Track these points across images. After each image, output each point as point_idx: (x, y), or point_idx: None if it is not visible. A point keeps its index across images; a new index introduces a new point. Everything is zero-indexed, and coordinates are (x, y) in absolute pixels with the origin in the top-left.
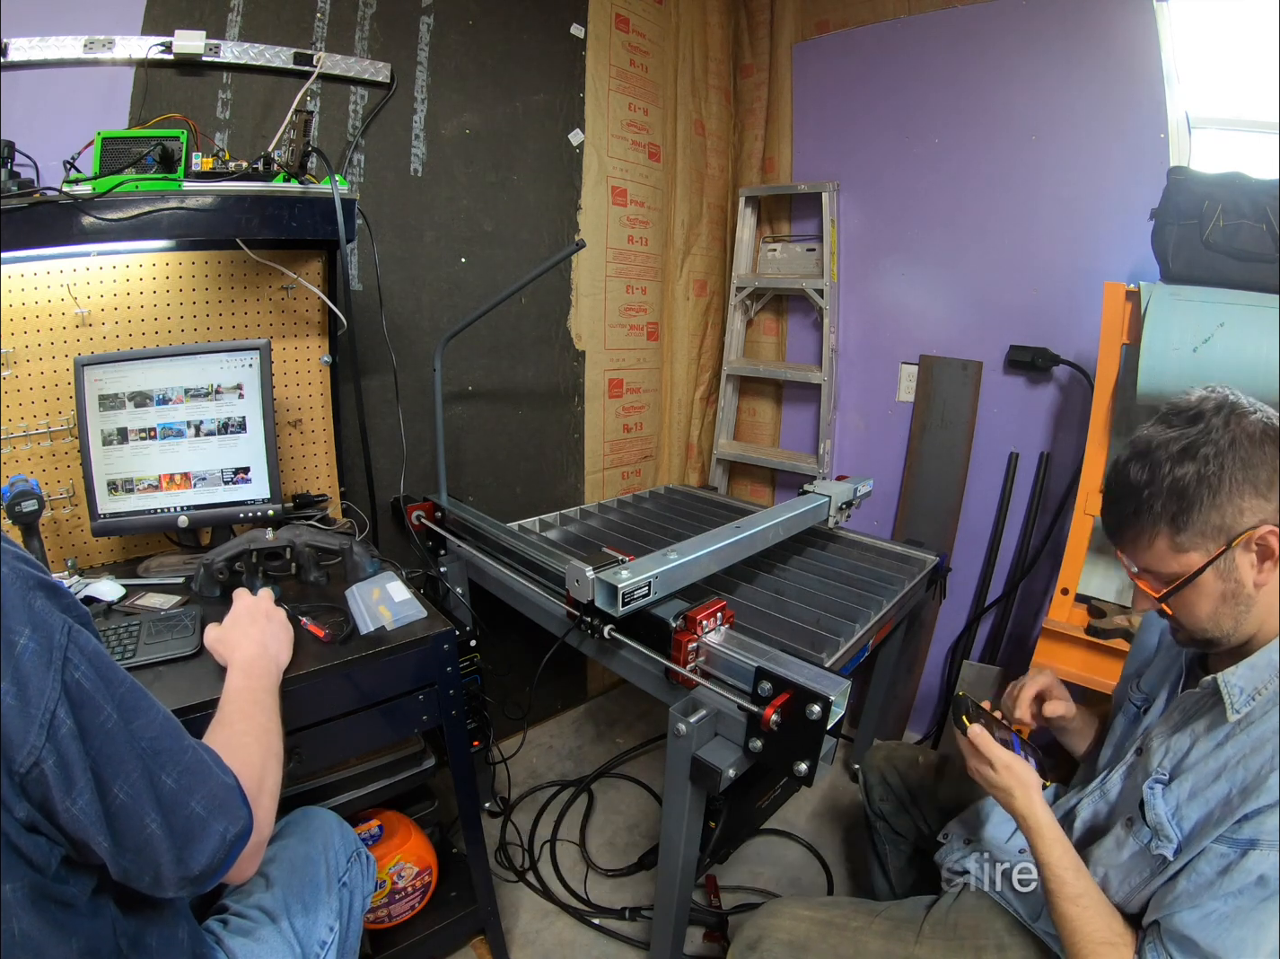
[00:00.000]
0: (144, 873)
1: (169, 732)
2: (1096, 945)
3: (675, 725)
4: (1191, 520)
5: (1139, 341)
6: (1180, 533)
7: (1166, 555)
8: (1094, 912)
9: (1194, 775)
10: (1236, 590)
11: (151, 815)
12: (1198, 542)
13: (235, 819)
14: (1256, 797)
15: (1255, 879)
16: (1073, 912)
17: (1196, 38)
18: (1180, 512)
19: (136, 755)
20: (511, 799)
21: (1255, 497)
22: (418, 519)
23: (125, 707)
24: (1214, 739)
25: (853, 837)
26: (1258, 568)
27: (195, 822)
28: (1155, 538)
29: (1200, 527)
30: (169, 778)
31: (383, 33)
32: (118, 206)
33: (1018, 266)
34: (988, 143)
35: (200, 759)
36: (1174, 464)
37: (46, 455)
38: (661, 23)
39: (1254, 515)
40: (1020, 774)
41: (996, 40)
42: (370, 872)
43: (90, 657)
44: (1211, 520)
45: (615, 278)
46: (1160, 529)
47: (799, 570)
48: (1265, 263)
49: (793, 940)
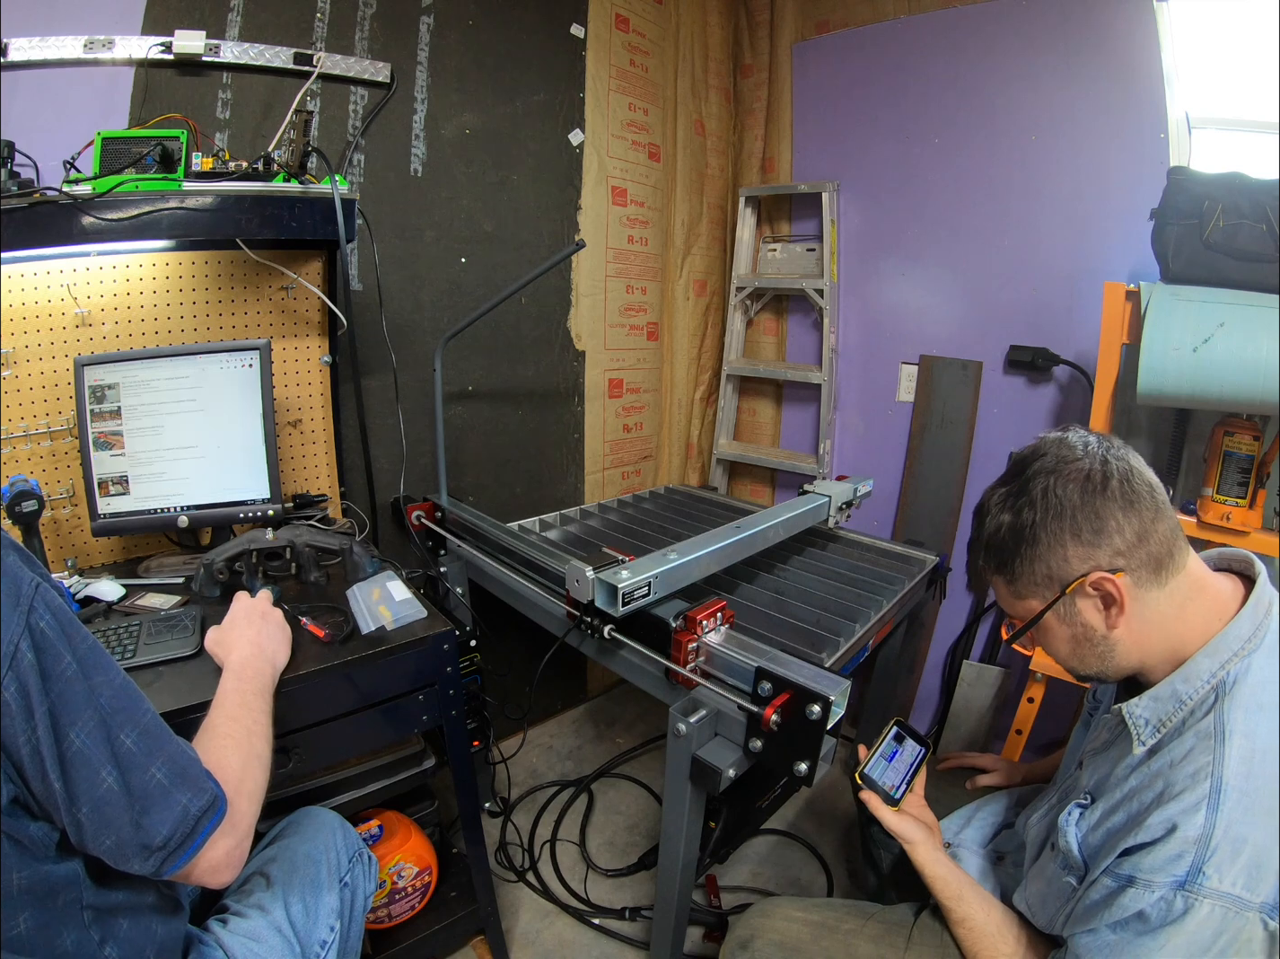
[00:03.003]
0: (102, 834)
1: (128, 693)
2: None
3: (675, 725)
4: (1016, 571)
5: (1139, 341)
6: (1011, 582)
7: (1010, 600)
8: (979, 933)
9: (1105, 801)
10: (1088, 634)
11: (108, 769)
12: (1032, 589)
13: (199, 792)
14: (1135, 834)
15: (1134, 914)
16: (961, 933)
17: (1196, 38)
18: (1003, 563)
19: (94, 708)
20: (511, 799)
21: (1078, 544)
22: (418, 519)
23: (86, 662)
24: (1127, 766)
25: (852, 837)
26: (1104, 613)
27: (155, 787)
28: (994, 585)
29: (1028, 576)
30: (127, 738)
31: (383, 33)
32: (118, 206)
33: (1018, 266)
34: (988, 143)
35: (159, 724)
36: (993, 518)
37: (46, 455)
38: (661, 23)
39: (1082, 563)
40: (905, 833)
41: (996, 40)
42: (372, 872)
43: (55, 610)
44: (1038, 570)
45: (615, 278)
46: (994, 577)
47: (799, 570)
48: (1265, 263)
49: (784, 942)
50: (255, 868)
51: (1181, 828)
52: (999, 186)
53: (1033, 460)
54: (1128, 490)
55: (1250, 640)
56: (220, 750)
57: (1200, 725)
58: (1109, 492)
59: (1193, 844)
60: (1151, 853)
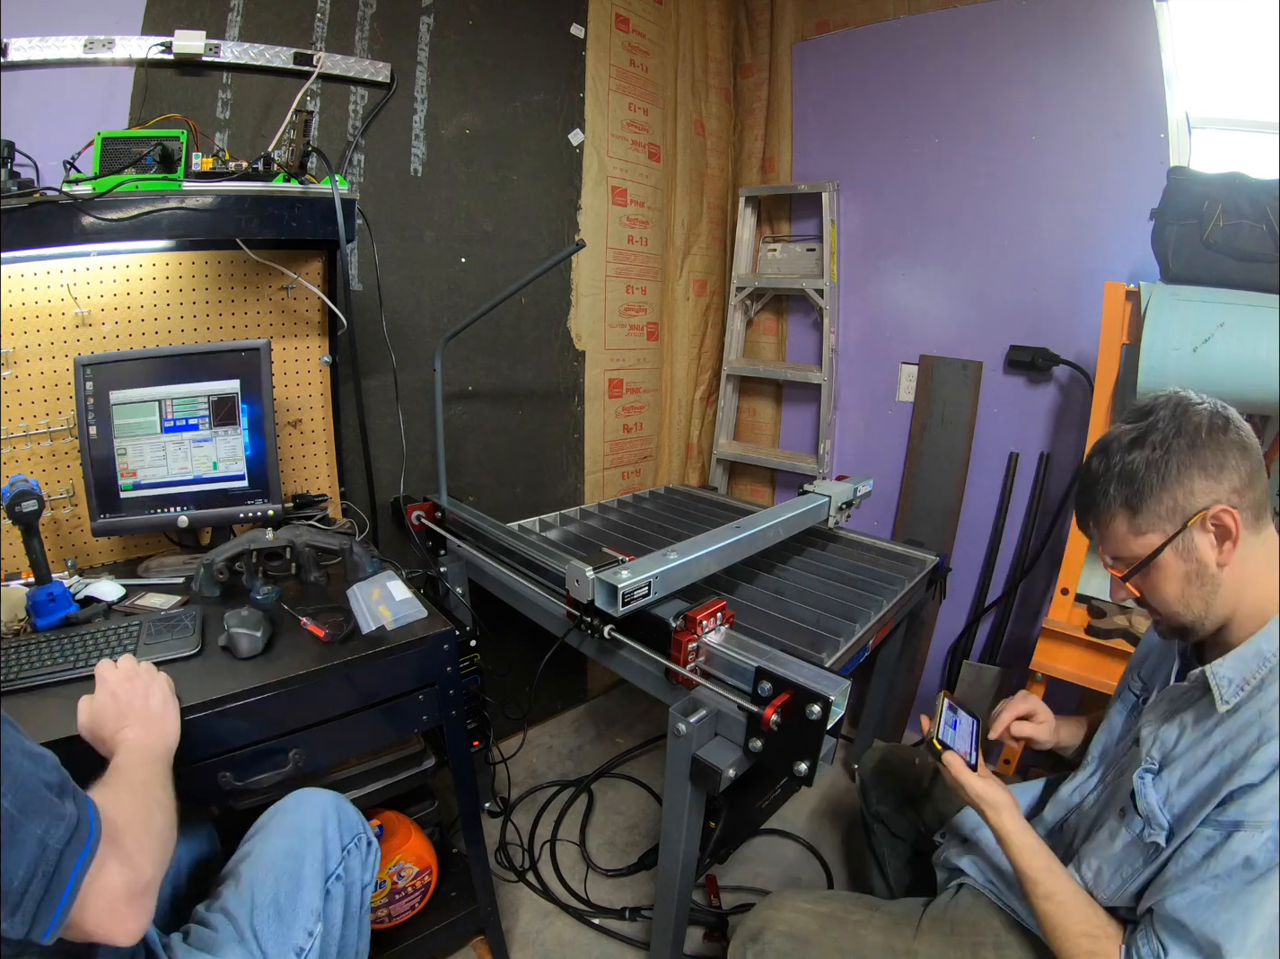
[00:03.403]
0: None
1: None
2: (1076, 938)
3: (675, 725)
4: (1145, 503)
5: (1139, 341)
6: (1136, 515)
7: (1127, 538)
8: (1070, 906)
9: (1183, 763)
10: (1200, 570)
11: None
12: (1154, 523)
13: (55, 819)
14: (1240, 775)
15: (1241, 861)
16: (1049, 908)
17: (1196, 38)
18: (1133, 495)
19: None
20: (511, 799)
21: (1204, 478)
22: (418, 519)
23: None
24: (1203, 728)
25: (852, 837)
26: (1217, 548)
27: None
28: (1113, 521)
29: (1154, 508)
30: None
31: (383, 33)
32: (118, 206)
33: (1018, 266)
34: (988, 143)
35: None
36: (1125, 453)
37: (46, 455)
38: (661, 23)
39: (1205, 496)
40: (991, 797)
41: (996, 40)
42: (372, 860)
43: None
44: (1164, 502)
45: (615, 278)
46: (1117, 512)
47: (799, 570)
48: (1265, 263)
49: (794, 933)
50: (229, 868)
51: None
52: (999, 186)
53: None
54: (1243, 436)
55: None
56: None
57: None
58: (1230, 433)
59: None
60: (1259, 793)
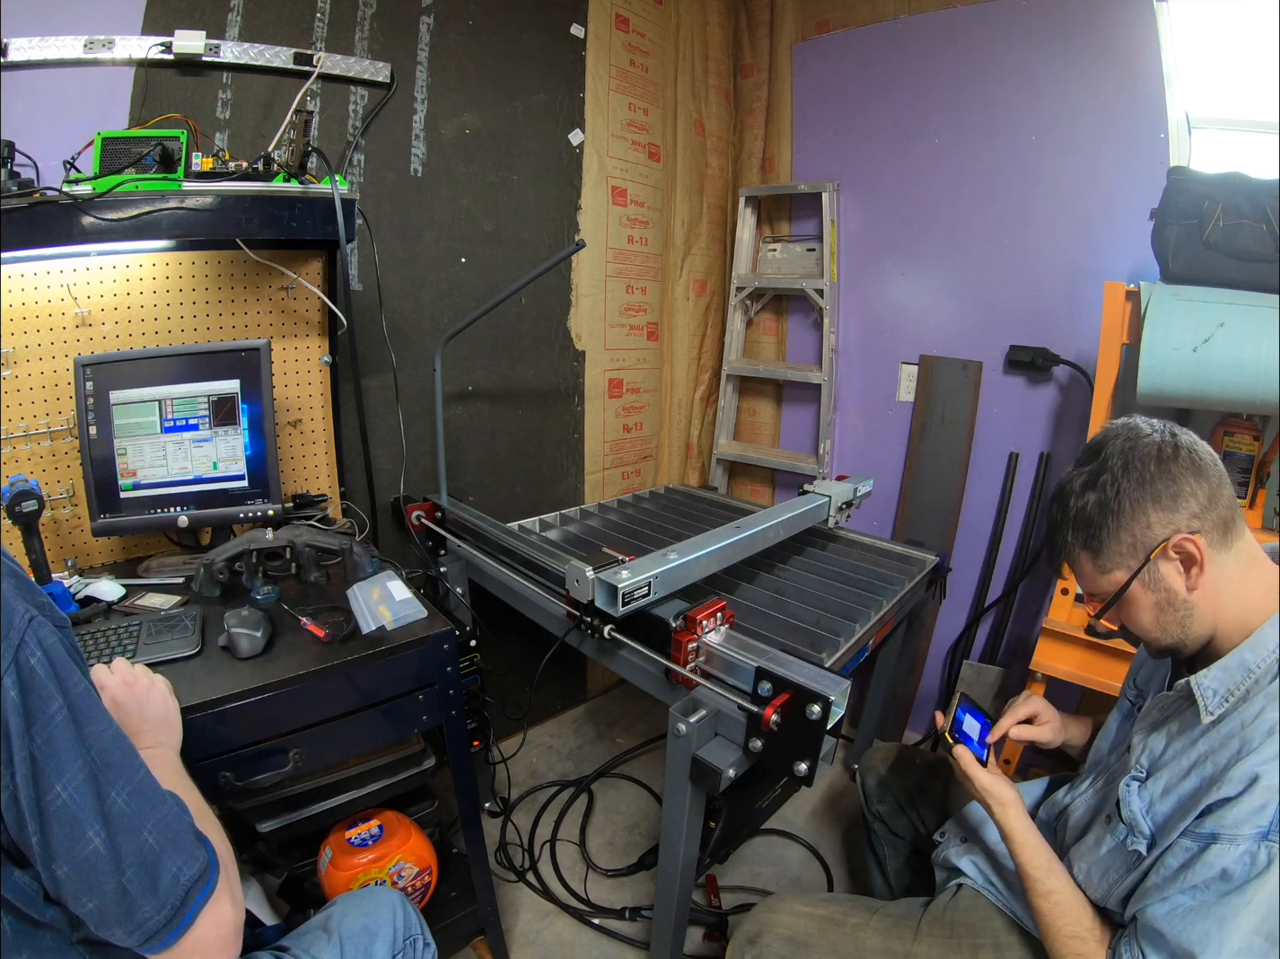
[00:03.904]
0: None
1: (120, 747)
2: (1066, 939)
3: (675, 725)
4: (1104, 544)
5: (1139, 341)
6: (1098, 556)
7: (1095, 577)
8: (1065, 908)
9: (1168, 772)
10: (1170, 598)
11: (95, 828)
12: (1117, 561)
13: (190, 859)
14: (1219, 788)
15: (1217, 873)
16: (1045, 907)
17: (1196, 38)
18: (1090, 538)
19: (84, 759)
20: (511, 799)
21: (1159, 510)
22: (418, 519)
23: (78, 709)
24: (1188, 738)
25: (852, 837)
26: (1185, 574)
27: (146, 852)
28: (1078, 564)
29: (1114, 547)
30: (119, 795)
31: (383, 33)
32: (118, 206)
33: (1018, 266)
34: (988, 143)
35: (152, 783)
36: (1078, 497)
37: (46, 455)
38: (661, 23)
39: (1164, 528)
40: (998, 793)
41: (996, 40)
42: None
43: (48, 650)
44: (1123, 540)
45: (615, 278)
46: (1080, 555)
47: (799, 570)
48: (1265, 263)
49: (793, 936)
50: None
51: (1264, 777)
52: (999, 186)
53: (1106, 443)
54: (1196, 459)
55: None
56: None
57: (1269, 689)
58: (1180, 460)
59: (1277, 792)
60: (1235, 806)
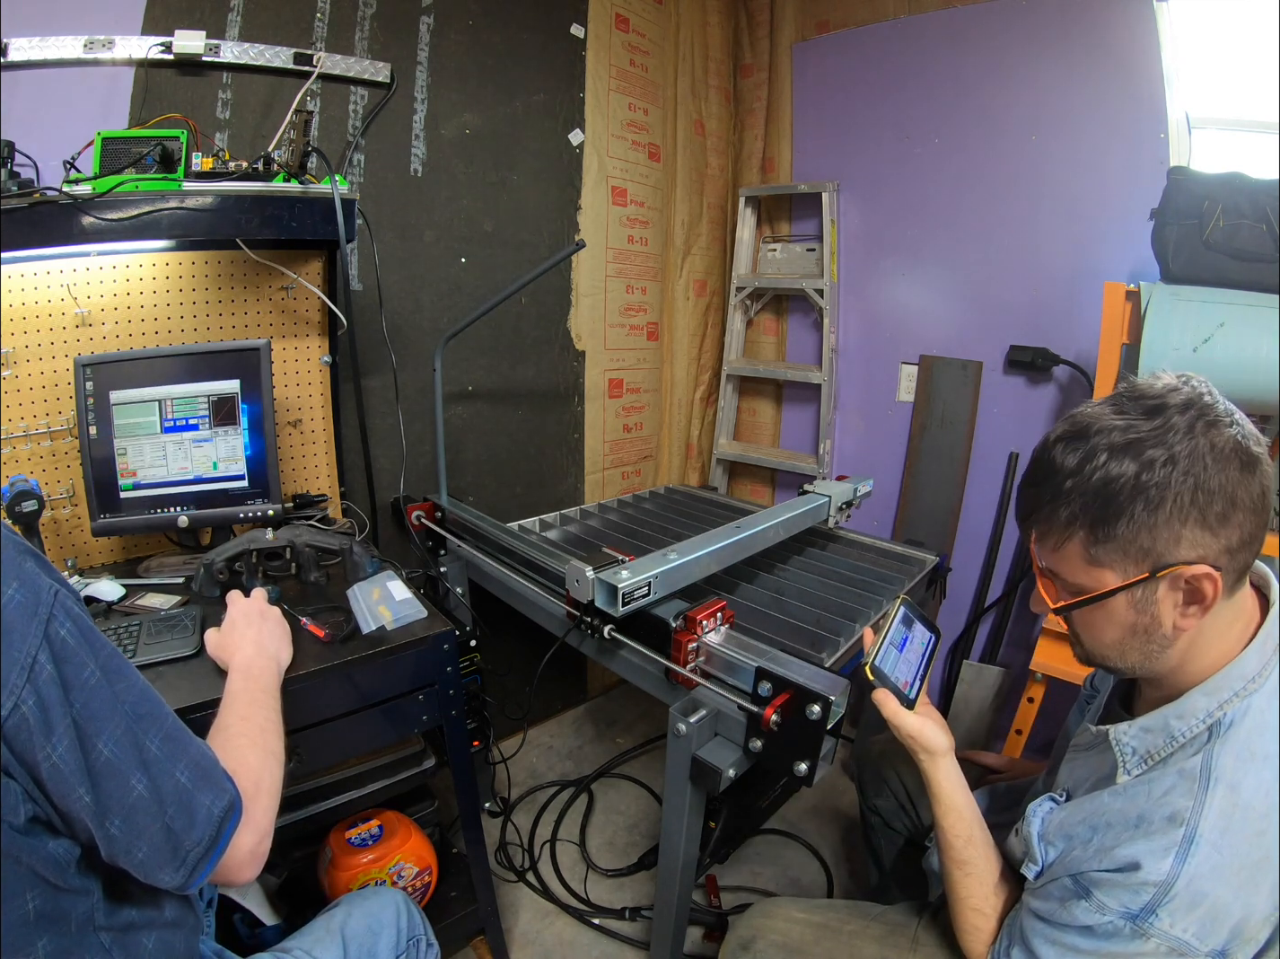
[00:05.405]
0: (134, 846)
1: (149, 698)
2: (968, 911)
3: (675, 725)
4: (1114, 532)
5: (1139, 341)
6: (1098, 544)
7: (1077, 564)
8: (976, 880)
9: (1075, 806)
10: (1150, 627)
11: (138, 776)
12: (1116, 559)
13: (220, 793)
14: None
15: (1080, 925)
16: (957, 875)
17: (1196, 38)
18: (1103, 519)
19: (120, 715)
20: (511, 799)
21: (1201, 528)
22: (418, 519)
23: (109, 668)
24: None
25: (852, 837)
26: (1181, 609)
27: (181, 791)
28: (1068, 540)
29: (1123, 543)
30: (153, 743)
31: (383, 33)
32: (118, 206)
33: (1018, 266)
34: (988, 143)
35: (180, 727)
36: (1111, 457)
37: (46, 455)
38: (661, 23)
39: (1192, 549)
40: (926, 740)
41: (996, 40)
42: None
43: (74, 619)
44: (1139, 539)
45: (615, 278)
46: (1075, 532)
47: (799, 570)
48: (1265, 263)
49: (787, 943)
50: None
51: (1145, 868)
52: (999, 186)
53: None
54: (1266, 483)
55: (1254, 680)
56: (237, 750)
57: (1186, 765)
58: (1256, 477)
59: (1152, 887)
60: (1111, 880)
